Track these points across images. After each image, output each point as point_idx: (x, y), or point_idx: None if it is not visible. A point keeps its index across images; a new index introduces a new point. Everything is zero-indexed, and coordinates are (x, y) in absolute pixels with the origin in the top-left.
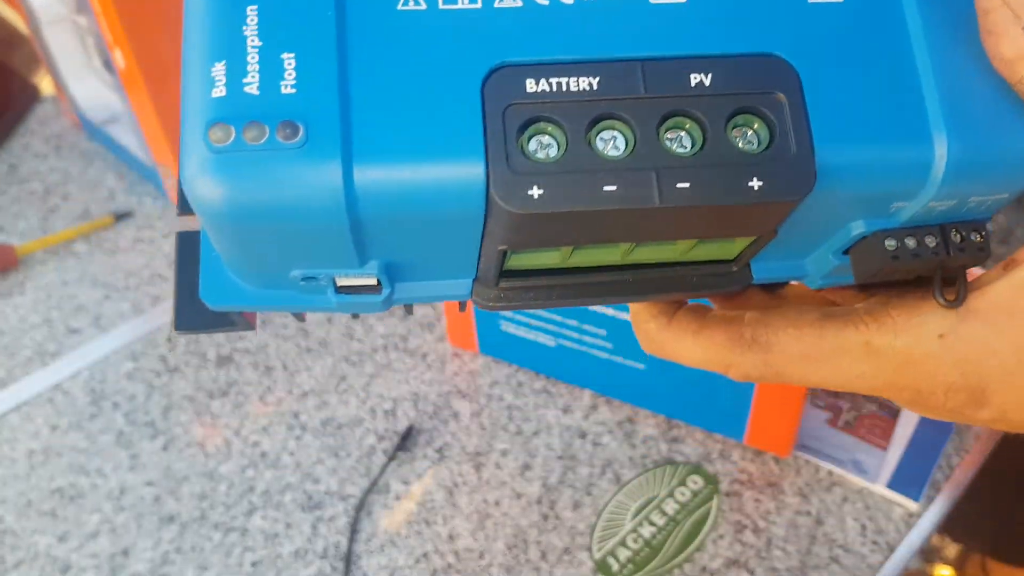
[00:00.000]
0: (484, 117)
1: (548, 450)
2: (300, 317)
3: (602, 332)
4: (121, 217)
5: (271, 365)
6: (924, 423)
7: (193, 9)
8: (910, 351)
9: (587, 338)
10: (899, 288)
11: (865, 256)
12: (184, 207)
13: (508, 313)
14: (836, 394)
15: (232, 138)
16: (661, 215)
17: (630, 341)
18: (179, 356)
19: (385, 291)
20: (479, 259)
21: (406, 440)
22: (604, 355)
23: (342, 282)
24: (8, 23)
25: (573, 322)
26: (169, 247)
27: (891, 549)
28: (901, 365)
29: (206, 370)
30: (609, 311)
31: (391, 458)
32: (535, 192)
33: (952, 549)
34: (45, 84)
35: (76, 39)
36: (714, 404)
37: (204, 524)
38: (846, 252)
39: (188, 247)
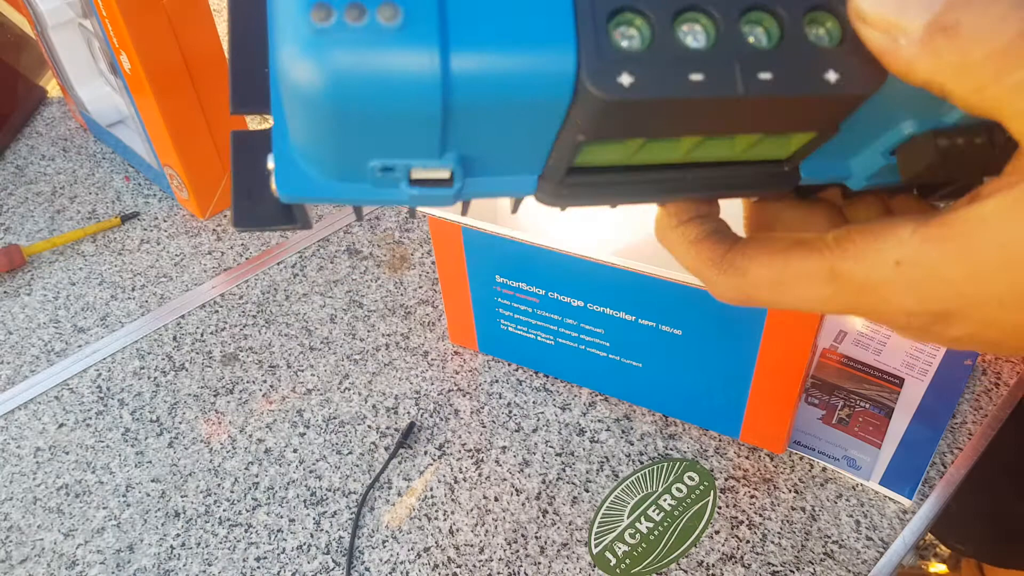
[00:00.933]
0: (575, 5)
1: (547, 447)
2: (359, 214)
3: (600, 331)
4: (128, 218)
5: (275, 363)
6: (918, 421)
7: None
8: (868, 277)
9: (585, 337)
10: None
11: (913, 154)
12: (238, 105)
13: (508, 313)
14: (831, 393)
15: (334, 18)
16: (741, 106)
17: (627, 340)
18: (185, 354)
19: (456, 185)
20: (550, 153)
21: (407, 437)
22: (602, 354)
23: (416, 175)
24: (15, 26)
25: (571, 321)
26: (175, 247)
27: (885, 545)
28: (860, 290)
29: (211, 368)
30: (607, 311)
31: (393, 454)
32: (625, 79)
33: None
34: (52, 87)
35: (82, 43)
36: (710, 402)
37: (209, 520)
38: (893, 152)
39: (243, 147)
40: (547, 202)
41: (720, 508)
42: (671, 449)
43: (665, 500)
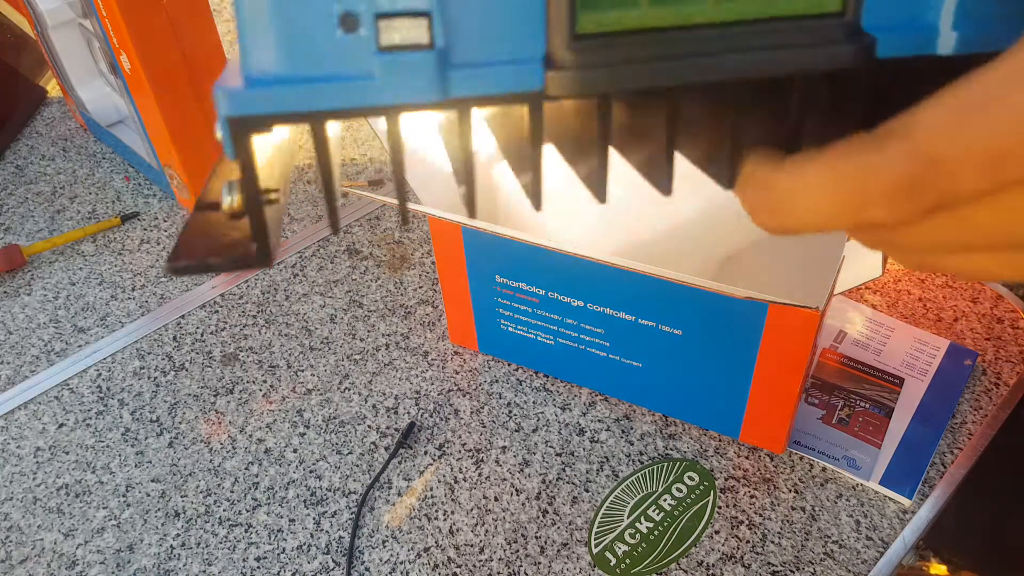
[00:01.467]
0: None
1: (547, 447)
2: (322, 154)
3: (600, 331)
4: (128, 218)
5: (275, 363)
6: (918, 421)
7: None
8: None
9: (585, 337)
10: None
11: None
12: (201, 206)
13: (508, 313)
14: (831, 393)
15: None
16: None
17: (627, 340)
18: (185, 354)
19: (438, 43)
20: (547, 11)
21: (408, 437)
22: (602, 354)
23: (386, 31)
24: (15, 26)
25: (571, 321)
26: None
27: (885, 545)
28: None
29: (211, 368)
30: (607, 311)
31: (393, 454)
32: None
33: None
34: (52, 87)
35: (82, 43)
36: (710, 402)
37: (209, 520)
38: None
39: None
40: (561, 91)
41: (720, 508)
42: (671, 449)
43: (665, 500)
